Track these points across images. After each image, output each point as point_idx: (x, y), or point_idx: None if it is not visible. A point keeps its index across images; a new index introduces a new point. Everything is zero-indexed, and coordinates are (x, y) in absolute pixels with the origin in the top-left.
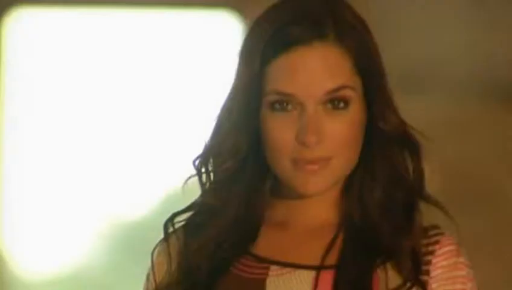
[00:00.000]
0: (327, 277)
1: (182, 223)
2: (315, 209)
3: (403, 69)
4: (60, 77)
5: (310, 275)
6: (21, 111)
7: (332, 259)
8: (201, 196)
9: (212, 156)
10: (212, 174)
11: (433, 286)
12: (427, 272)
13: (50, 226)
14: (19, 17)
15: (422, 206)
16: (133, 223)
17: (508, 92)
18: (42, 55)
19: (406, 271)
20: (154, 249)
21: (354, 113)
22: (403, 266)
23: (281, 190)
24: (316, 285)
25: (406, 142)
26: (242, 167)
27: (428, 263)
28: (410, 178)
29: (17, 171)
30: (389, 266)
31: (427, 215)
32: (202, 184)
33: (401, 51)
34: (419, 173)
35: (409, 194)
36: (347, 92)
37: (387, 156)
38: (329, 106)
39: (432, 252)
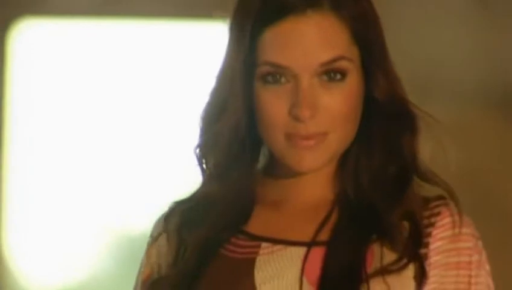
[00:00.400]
0: (318, 253)
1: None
2: (310, 186)
3: (404, 75)
4: (65, 87)
5: (300, 251)
6: (26, 121)
7: (325, 236)
8: (203, 185)
9: (214, 142)
10: (211, 162)
11: (435, 258)
12: (427, 245)
13: (57, 238)
14: (25, 28)
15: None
16: (140, 235)
17: (511, 98)
18: (47, 66)
19: (400, 246)
20: (149, 246)
21: (351, 85)
22: (396, 241)
23: (275, 167)
24: (305, 261)
25: (401, 115)
26: (243, 150)
27: (429, 235)
28: (403, 153)
29: (23, 182)
30: (385, 241)
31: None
32: (203, 172)
33: (403, 56)
34: (412, 147)
35: (402, 169)
36: (344, 64)
37: (382, 130)
38: (324, 78)
39: (432, 224)
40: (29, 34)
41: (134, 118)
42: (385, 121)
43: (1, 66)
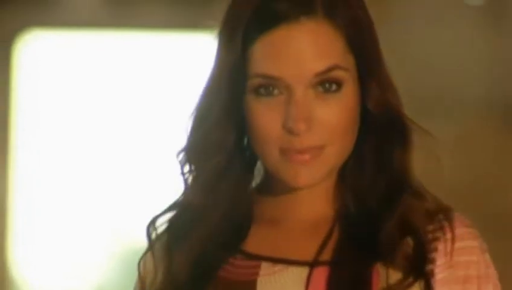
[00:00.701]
0: (321, 274)
1: (165, 226)
2: (308, 202)
3: (407, 85)
4: (70, 97)
5: (303, 272)
6: (33, 130)
7: (327, 255)
8: (184, 194)
9: (197, 151)
10: (197, 170)
11: (442, 275)
12: (433, 261)
13: (63, 248)
14: (31, 40)
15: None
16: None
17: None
18: (53, 76)
19: (403, 264)
20: (140, 259)
21: (348, 96)
22: (398, 259)
23: (270, 183)
24: (308, 283)
25: (394, 127)
26: (229, 162)
27: (434, 250)
28: (394, 167)
29: (29, 191)
30: (389, 260)
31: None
32: (185, 181)
33: (405, 67)
34: (403, 162)
35: (392, 184)
36: (339, 73)
37: (374, 142)
38: (320, 89)
39: (437, 238)
40: (35, 45)
41: (141, 127)
42: (377, 133)
43: (8, 77)
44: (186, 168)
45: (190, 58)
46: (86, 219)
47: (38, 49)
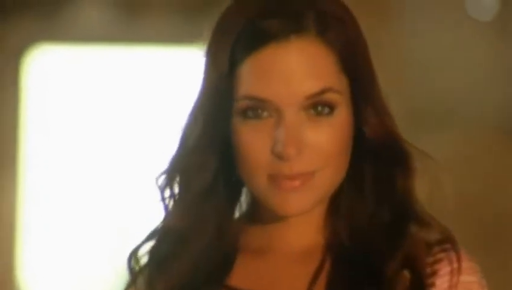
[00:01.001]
0: None
1: (146, 257)
2: (297, 231)
3: (416, 102)
4: (78, 111)
5: None
6: (41, 144)
7: (319, 289)
8: (164, 220)
9: (178, 174)
10: (178, 195)
11: None
12: None
13: (73, 264)
14: (39, 54)
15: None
16: None
17: None
18: (61, 91)
19: None
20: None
21: (341, 119)
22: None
23: (258, 211)
24: None
25: (394, 154)
26: (213, 187)
27: (432, 285)
28: (397, 197)
29: (39, 207)
30: None
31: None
32: (165, 206)
33: (413, 83)
34: (406, 190)
35: (396, 215)
36: (332, 96)
37: (373, 170)
38: (311, 112)
39: (435, 272)
40: (44, 59)
41: (151, 142)
42: (376, 161)
43: (17, 91)
44: (167, 192)
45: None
46: (96, 232)
47: (46, 63)
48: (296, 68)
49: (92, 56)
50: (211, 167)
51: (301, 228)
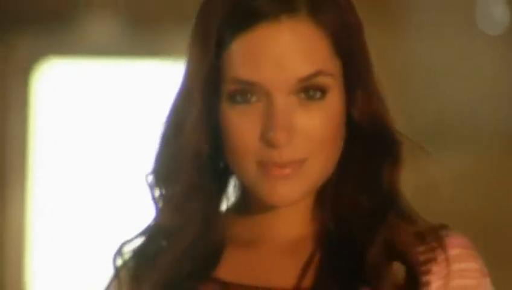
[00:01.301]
0: None
1: (131, 252)
2: (287, 222)
3: (426, 120)
4: (87, 125)
5: None
6: (51, 160)
7: (308, 280)
8: (156, 217)
9: (168, 168)
10: (166, 190)
11: None
12: (427, 283)
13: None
14: (48, 69)
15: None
16: None
17: None
18: (71, 105)
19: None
20: (107, 288)
21: (333, 104)
22: (385, 286)
23: (246, 201)
24: None
25: (381, 140)
26: (201, 177)
27: (428, 272)
28: (381, 185)
29: (48, 220)
30: (376, 285)
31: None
32: (156, 203)
33: (425, 102)
34: (391, 179)
35: (377, 204)
36: (324, 79)
37: (359, 156)
38: (302, 96)
39: (431, 260)
40: (53, 73)
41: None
42: (362, 146)
43: (26, 105)
44: (157, 192)
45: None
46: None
47: (55, 77)
48: (286, 50)
49: (101, 70)
50: (204, 155)
51: (291, 219)
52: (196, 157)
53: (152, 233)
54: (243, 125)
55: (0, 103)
